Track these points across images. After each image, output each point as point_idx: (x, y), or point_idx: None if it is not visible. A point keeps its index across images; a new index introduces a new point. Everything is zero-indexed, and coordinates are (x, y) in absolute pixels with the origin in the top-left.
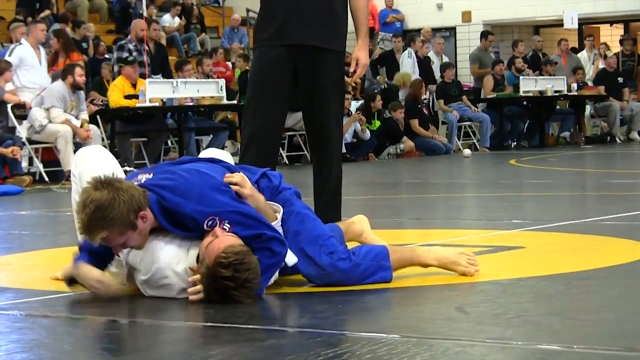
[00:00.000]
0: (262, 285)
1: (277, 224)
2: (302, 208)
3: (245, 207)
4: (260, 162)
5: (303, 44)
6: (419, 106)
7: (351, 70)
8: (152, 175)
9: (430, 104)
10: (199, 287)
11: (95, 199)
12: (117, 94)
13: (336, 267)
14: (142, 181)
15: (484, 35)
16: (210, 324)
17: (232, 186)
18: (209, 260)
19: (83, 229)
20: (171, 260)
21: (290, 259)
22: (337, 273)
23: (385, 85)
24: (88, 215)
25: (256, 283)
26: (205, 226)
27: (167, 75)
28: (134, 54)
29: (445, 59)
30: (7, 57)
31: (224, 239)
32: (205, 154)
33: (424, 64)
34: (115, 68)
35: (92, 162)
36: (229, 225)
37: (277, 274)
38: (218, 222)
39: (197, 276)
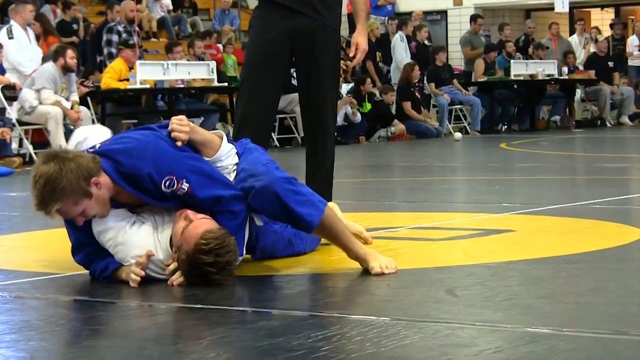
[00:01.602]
0: (239, 249)
1: (225, 148)
2: (256, 147)
3: (200, 165)
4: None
5: (301, 12)
6: (412, 89)
7: (351, 54)
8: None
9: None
10: (178, 273)
11: (44, 173)
12: (111, 76)
13: (268, 171)
14: (97, 147)
15: (473, 18)
16: (200, 306)
17: (172, 134)
18: (187, 246)
19: (38, 204)
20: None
21: (257, 221)
22: (269, 178)
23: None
24: (39, 190)
25: (235, 263)
26: (162, 186)
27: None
28: (124, 35)
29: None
30: (5, 39)
31: (199, 224)
32: (79, 132)
33: (421, 48)
34: (105, 51)
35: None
36: (187, 185)
37: (246, 236)
38: (175, 181)
39: (174, 264)
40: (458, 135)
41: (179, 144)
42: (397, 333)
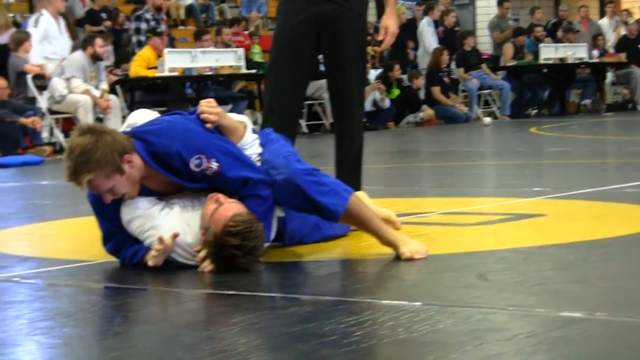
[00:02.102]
0: (267, 234)
1: (248, 137)
2: (279, 138)
3: (229, 146)
4: (280, 130)
5: None
6: (440, 74)
7: (380, 38)
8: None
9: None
10: (208, 260)
11: (79, 144)
12: (140, 64)
13: (289, 163)
14: (128, 129)
15: (500, 2)
16: (230, 292)
17: (201, 115)
18: (216, 228)
19: (70, 175)
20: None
21: (279, 211)
22: (289, 171)
23: (412, 57)
24: (73, 160)
25: (261, 250)
26: (191, 165)
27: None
28: (152, 23)
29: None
30: (32, 28)
31: (229, 207)
32: (134, 115)
33: (449, 33)
34: (134, 39)
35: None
36: (216, 164)
37: (275, 224)
38: (204, 160)
39: (204, 251)
40: (487, 120)
41: (208, 125)
42: (429, 318)
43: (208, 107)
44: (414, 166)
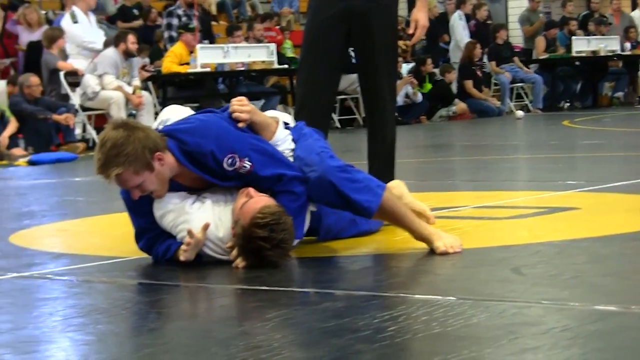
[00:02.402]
0: (297, 231)
1: (281, 133)
2: (312, 133)
3: (262, 144)
4: (312, 125)
5: None
6: (473, 68)
7: (410, 31)
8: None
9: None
10: (238, 255)
11: (111, 137)
12: (172, 60)
13: (322, 160)
14: (160, 127)
15: None
16: (263, 287)
17: (234, 114)
18: (244, 220)
19: (99, 167)
20: (210, 228)
21: (311, 206)
22: (322, 168)
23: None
24: (104, 153)
25: (290, 244)
26: (225, 164)
27: (212, 42)
28: (183, 19)
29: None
30: (71, 24)
31: (259, 200)
32: (166, 111)
33: (480, 27)
34: (166, 34)
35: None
36: (249, 163)
37: (307, 220)
38: (238, 159)
39: (235, 250)
40: (520, 113)
41: (240, 124)
42: (463, 312)
43: (239, 105)
44: (447, 160)
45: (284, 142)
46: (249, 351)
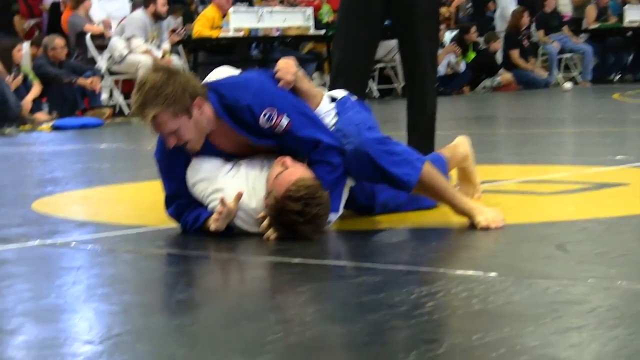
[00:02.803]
0: (334, 204)
1: (325, 106)
2: (354, 105)
3: (303, 106)
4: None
5: None
6: (519, 37)
7: None
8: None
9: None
10: (269, 227)
11: (151, 79)
12: (204, 23)
13: (359, 132)
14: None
15: None
16: (297, 260)
17: (278, 73)
18: (277, 192)
19: (136, 108)
20: (242, 198)
21: (349, 181)
22: (359, 140)
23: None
24: (142, 94)
25: (324, 219)
26: (261, 119)
27: (251, 4)
28: None
29: None
30: None
31: (294, 171)
32: (215, 72)
33: None
34: None
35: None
36: (287, 120)
37: (345, 194)
38: (275, 115)
39: (267, 220)
40: (568, 85)
41: (282, 83)
42: (504, 289)
43: (286, 66)
44: (491, 133)
45: (327, 115)
46: (280, 325)
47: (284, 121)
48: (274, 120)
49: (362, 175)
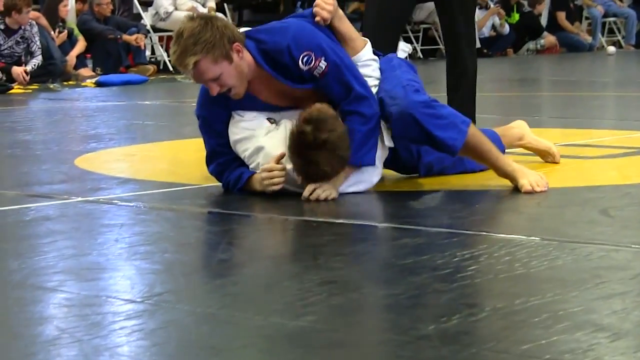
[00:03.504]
0: (370, 156)
1: (365, 54)
2: (400, 65)
3: (340, 50)
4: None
5: None
6: None
7: None
8: None
9: None
10: (310, 187)
11: (188, 27)
12: None
13: (406, 94)
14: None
15: None
16: (339, 220)
17: (315, 9)
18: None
19: (176, 57)
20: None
21: (387, 141)
22: (406, 102)
23: None
24: (181, 42)
25: (340, 152)
26: (300, 62)
27: None
28: None
29: None
30: None
31: (315, 105)
32: None
33: None
34: None
35: None
36: (325, 64)
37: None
38: (314, 58)
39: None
40: (611, 49)
41: (317, 19)
42: (547, 254)
43: (323, 2)
44: (533, 95)
45: (366, 65)
46: (322, 286)
47: (322, 64)
48: (312, 63)
49: (408, 137)
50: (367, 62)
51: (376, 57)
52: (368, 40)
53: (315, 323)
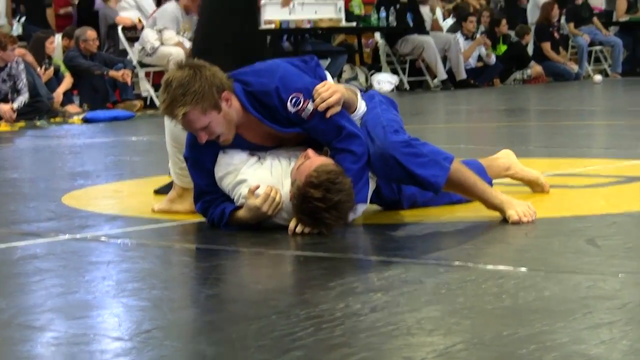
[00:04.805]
0: (360, 194)
1: (361, 106)
2: (381, 102)
3: None
4: None
5: None
6: (550, 29)
7: None
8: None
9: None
10: (294, 221)
11: (177, 76)
12: None
13: (385, 135)
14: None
15: None
16: (327, 254)
17: (320, 107)
18: (299, 181)
19: (165, 107)
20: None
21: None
22: (385, 144)
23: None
24: (169, 92)
25: (348, 206)
26: (289, 104)
27: None
28: None
29: None
30: None
31: (316, 160)
32: None
33: None
34: None
35: None
36: (312, 105)
37: (372, 184)
38: (302, 100)
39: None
40: (598, 77)
41: (331, 112)
42: (535, 284)
43: (327, 93)
44: (520, 125)
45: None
46: (309, 320)
47: (310, 106)
48: (300, 105)
49: (390, 178)
50: (362, 111)
51: (364, 101)
52: (358, 90)
53: (303, 358)
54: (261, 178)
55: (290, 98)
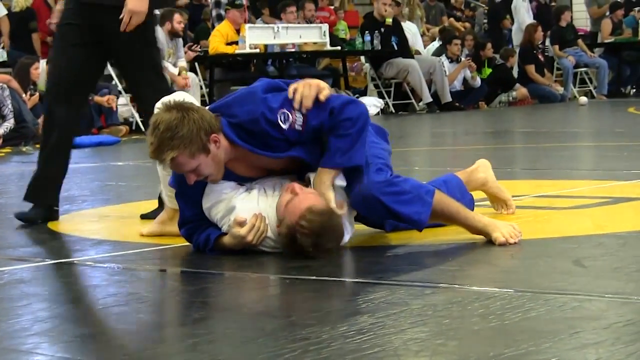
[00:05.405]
0: (359, 155)
1: None
2: (370, 133)
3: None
4: None
5: None
6: (534, 51)
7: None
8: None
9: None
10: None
11: (165, 119)
12: (219, 39)
13: (367, 175)
14: (207, 107)
15: None
16: (313, 277)
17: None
18: (289, 221)
19: (153, 151)
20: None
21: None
22: (368, 184)
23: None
24: (157, 136)
25: (339, 243)
26: (280, 122)
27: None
28: None
29: None
30: None
31: (304, 198)
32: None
33: (542, 9)
34: (214, 13)
35: None
36: (301, 115)
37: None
38: (290, 114)
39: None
40: (583, 99)
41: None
42: (521, 305)
43: (304, 89)
44: (506, 147)
45: None
46: (296, 343)
47: (299, 116)
48: (290, 118)
49: (372, 216)
50: None
51: None
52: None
53: None
54: (250, 208)
55: (279, 116)
